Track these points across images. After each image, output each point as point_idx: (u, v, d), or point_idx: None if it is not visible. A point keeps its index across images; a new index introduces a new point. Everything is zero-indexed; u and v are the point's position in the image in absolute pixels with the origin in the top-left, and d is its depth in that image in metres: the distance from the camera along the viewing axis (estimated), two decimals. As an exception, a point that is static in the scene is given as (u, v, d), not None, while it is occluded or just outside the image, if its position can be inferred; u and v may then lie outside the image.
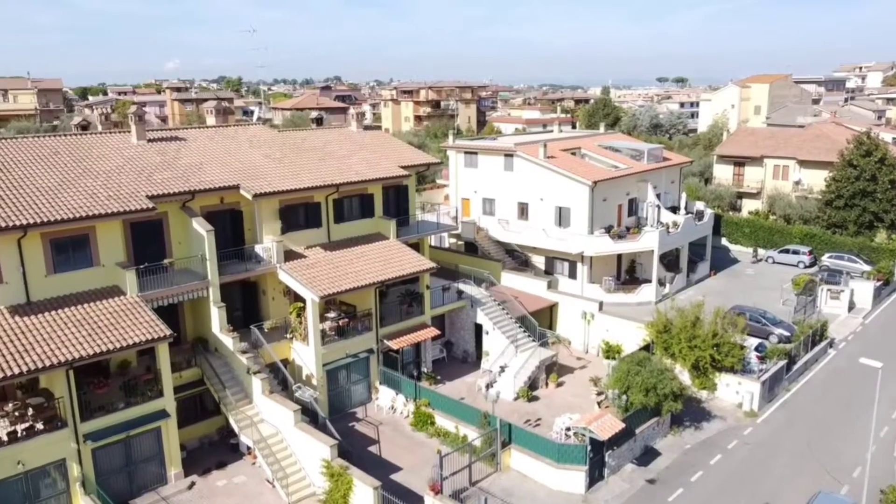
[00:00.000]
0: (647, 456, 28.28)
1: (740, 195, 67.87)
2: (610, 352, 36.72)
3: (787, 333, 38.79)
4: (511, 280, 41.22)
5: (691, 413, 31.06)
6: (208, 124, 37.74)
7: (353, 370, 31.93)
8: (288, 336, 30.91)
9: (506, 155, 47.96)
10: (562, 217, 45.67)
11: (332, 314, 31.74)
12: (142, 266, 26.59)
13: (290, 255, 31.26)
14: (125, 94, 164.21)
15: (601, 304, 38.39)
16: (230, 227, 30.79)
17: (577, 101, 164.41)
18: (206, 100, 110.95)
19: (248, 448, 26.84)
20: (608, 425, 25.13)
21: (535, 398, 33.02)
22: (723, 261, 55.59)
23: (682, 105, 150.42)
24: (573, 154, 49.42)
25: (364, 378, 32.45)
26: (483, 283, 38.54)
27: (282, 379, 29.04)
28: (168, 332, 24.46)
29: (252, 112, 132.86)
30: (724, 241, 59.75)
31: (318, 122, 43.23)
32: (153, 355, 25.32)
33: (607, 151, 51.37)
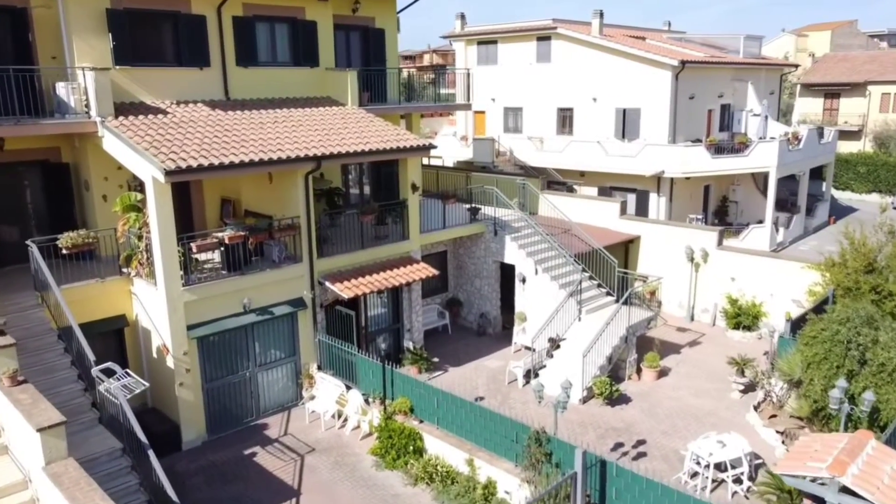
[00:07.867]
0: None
1: (834, 135, 51.87)
2: (741, 317, 20.81)
3: None
4: (557, 206, 25.23)
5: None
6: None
7: (261, 340, 16.06)
8: (124, 270, 15.15)
9: (539, 38, 32.33)
10: (626, 124, 30.10)
11: (227, 232, 15.99)
12: None
13: (133, 110, 15.60)
14: None
15: (721, 235, 22.18)
16: (10, 48, 15.13)
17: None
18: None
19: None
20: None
21: (624, 399, 17.06)
22: (835, 208, 39.72)
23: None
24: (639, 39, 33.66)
25: (286, 358, 16.60)
26: (514, 199, 22.50)
27: (78, 353, 13.06)
28: None
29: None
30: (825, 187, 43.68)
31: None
32: None
33: (684, 43, 35.54)
